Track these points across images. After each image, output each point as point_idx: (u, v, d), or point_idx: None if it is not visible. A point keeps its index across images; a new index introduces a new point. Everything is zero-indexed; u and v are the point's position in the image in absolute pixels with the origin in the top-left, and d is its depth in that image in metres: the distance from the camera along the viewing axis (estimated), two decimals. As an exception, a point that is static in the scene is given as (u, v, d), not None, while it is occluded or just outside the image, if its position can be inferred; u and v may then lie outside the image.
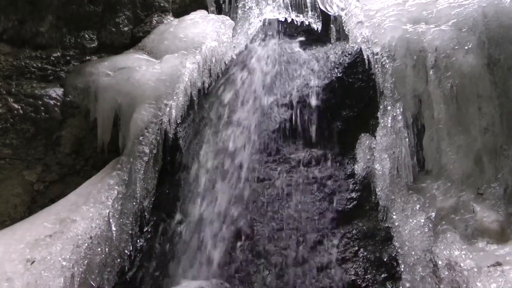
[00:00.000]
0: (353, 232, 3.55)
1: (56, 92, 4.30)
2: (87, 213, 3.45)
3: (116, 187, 3.67)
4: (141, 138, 3.92)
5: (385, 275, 3.27)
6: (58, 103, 4.26)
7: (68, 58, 4.60)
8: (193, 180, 4.04)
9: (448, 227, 3.02)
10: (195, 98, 4.38)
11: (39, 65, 4.42)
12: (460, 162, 3.33)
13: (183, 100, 4.28)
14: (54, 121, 4.21)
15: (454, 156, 3.35)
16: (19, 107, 4.12)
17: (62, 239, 3.25)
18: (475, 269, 2.70)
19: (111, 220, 3.55)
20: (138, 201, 3.81)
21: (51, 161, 4.13)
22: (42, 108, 4.19)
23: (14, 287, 2.93)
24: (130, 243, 3.72)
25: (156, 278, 3.56)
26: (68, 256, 3.18)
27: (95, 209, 3.49)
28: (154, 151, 3.97)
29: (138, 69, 4.37)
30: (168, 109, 4.10)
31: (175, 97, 4.16)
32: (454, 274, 2.75)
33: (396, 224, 3.30)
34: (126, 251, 3.68)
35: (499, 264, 2.70)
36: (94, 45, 4.79)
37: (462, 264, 2.75)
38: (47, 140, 4.16)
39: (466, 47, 3.51)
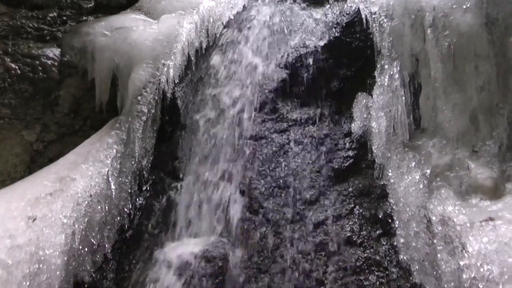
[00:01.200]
0: (349, 189, 3.59)
1: (53, 52, 4.31)
2: (87, 172, 3.49)
3: (115, 146, 3.70)
4: (139, 97, 3.94)
5: (380, 231, 3.33)
6: (56, 63, 4.27)
7: (64, 18, 4.58)
8: (191, 139, 4.07)
9: (442, 184, 3.06)
10: (192, 58, 4.38)
11: (36, 25, 4.41)
12: (455, 120, 3.35)
13: (180, 60, 4.28)
14: (52, 81, 4.23)
15: (450, 115, 3.38)
16: (17, 67, 4.13)
17: (63, 197, 3.30)
18: (468, 224, 2.75)
19: (110, 179, 3.59)
20: (136, 160, 3.85)
21: (49, 121, 4.16)
22: (40, 68, 4.20)
23: (17, 243, 2.97)
24: (129, 202, 3.78)
25: (155, 236, 3.61)
26: (68, 214, 3.22)
27: (94, 168, 3.53)
28: (152, 111, 3.99)
29: (135, 29, 4.36)
30: (165, 69, 4.11)
31: (172, 57, 4.16)
32: (447, 229, 2.80)
33: (392, 181, 3.34)
34: (125, 210, 3.74)
35: (491, 219, 2.75)
36: (90, 5, 4.76)
37: (455, 220, 2.80)
38: (45, 100, 4.18)
39: (464, 6, 3.49)
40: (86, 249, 3.36)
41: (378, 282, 3.08)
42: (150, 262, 3.39)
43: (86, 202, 3.36)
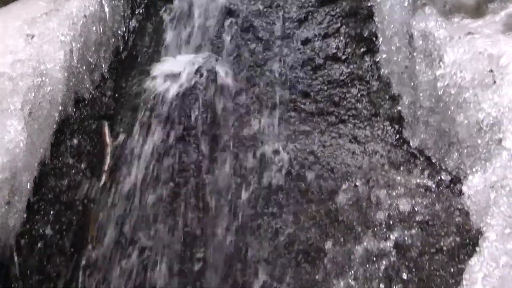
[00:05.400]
0: (337, 10, 3.69)
1: None
2: (80, -7, 3.54)
3: (106, -31, 3.72)
4: None
5: (364, 49, 3.49)
6: None
7: None
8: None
9: (427, 2, 3.14)
10: None
11: None
12: None
13: None
14: None
15: None
16: None
17: (58, 16, 3.36)
18: (447, 38, 2.88)
19: (103, 1, 3.65)
20: (128, -16, 3.91)
21: None
22: None
23: (18, 58, 3.10)
24: (123, 24, 3.89)
25: (149, 55, 3.76)
26: (65, 32, 3.31)
27: (87, -11, 3.58)
28: None
29: None
30: None
31: None
32: (427, 43, 2.93)
33: (378, 1, 3.43)
34: (119, 32, 3.86)
35: (470, 33, 2.88)
36: None
37: (435, 34, 2.92)
38: None
39: None
40: (84, 67, 3.51)
41: (359, 94, 3.30)
42: (145, 78, 3.56)
43: (81, 22, 3.44)
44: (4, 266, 3.01)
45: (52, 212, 3.19)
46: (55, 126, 3.30)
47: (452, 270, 2.34)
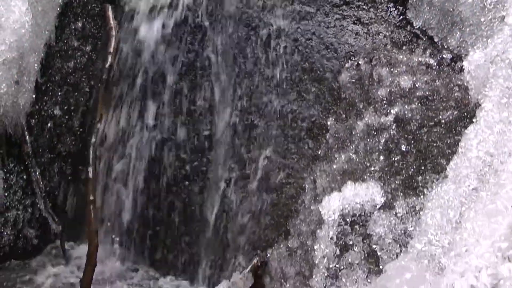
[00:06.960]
0: None
1: None
2: None
3: None
4: None
5: None
6: None
7: None
8: None
9: None
10: None
11: None
12: None
13: None
14: None
15: None
16: None
17: None
18: None
19: None
20: None
21: None
22: None
23: None
24: None
25: None
26: None
27: None
28: None
29: None
30: None
31: None
32: None
33: None
34: None
35: None
36: None
37: None
38: None
39: None
40: None
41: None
42: None
43: None
44: (17, 144, 3.14)
45: (60, 93, 3.28)
46: (58, 9, 3.33)
47: (449, 141, 2.44)
